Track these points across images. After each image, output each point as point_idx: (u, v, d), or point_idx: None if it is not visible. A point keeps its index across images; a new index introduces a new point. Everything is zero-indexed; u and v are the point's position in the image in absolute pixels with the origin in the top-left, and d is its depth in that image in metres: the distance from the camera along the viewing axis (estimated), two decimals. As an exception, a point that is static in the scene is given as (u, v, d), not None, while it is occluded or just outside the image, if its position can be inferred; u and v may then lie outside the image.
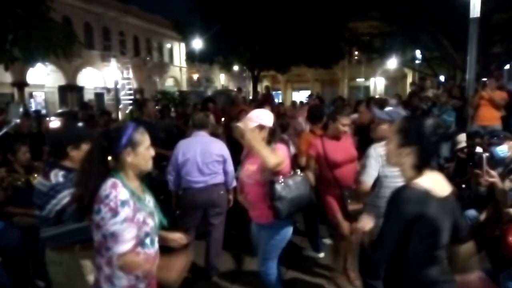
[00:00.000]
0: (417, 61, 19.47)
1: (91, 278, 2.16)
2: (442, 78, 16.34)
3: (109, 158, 1.68)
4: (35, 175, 3.36)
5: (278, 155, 2.48)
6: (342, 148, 3.26)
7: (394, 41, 15.71)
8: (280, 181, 2.51)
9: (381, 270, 1.65)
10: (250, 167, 2.62)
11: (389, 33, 15.58)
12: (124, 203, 1.59)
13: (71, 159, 2.17)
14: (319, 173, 3.33)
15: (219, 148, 3.57)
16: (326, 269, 3.74)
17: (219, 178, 3.58)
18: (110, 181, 1.62)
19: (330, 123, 3.28)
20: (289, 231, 2.71)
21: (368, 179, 2.63)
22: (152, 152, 1.79)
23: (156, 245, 1.81)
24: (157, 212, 1.83)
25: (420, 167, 1.52)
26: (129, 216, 1.60)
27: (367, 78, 29.50)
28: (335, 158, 3.19)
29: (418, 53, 18.28)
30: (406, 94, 13.28)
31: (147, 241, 1.72)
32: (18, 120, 2.81)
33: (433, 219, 1.44)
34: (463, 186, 4.14)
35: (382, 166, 2.60)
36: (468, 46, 7.06)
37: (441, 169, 6.11)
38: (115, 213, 1.57)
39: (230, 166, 3.61)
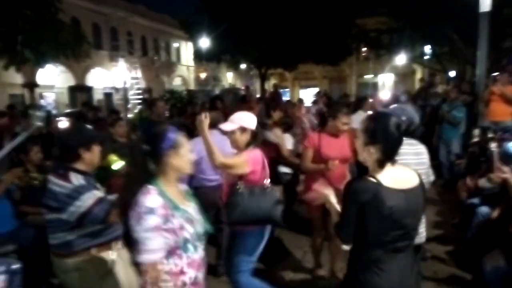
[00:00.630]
0: (426, 57, 19.21)
1: (108, 279, 2.17)
2: (452, 73, 16.13)
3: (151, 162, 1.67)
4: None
5: (237, 159, 2.48)
6: (338, 146, 3.25)
7: (402, 36, 15.52)
8: (238, 187, 2.47)
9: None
10: None
11: (398, 29, 15.41)
12: (151, 210, 1.57)
13: (83, 161, 2.14)
14: None
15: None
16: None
17: None
18: (145, 188, 1.61)
19: (330, 120, 3.28)
20: (258, 244, 2.61)
21: None
22: (192, 155, 1.78)
23: (201, 251, 1.78)
24: (201, 219, 1.80)
25: (383, 162, 1.65)
26: (156, 225, 1.57)
27: (375, 75, 29.21)
28: (329, 154, 3.17)
29: (427, 49, 18.05)
30: (415, 90, 13.15)
31: (189, 246, 1.70)
32: (40, 124, 2.82)
33: (382, 208, 1.57)
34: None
35: None
36: (478, 40, 6.96)
37: (452, 166, 6.08)
38: (139, 220, 1.56)
39: None
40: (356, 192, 1.62)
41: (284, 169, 4.24)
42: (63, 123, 5.97)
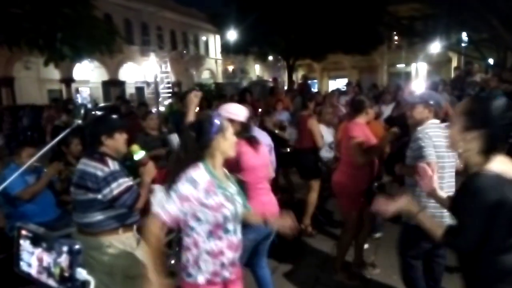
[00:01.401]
0: (463, 44, 18.33)
1: (136, 253, 2.32)
2: (490, 61, 15.33)
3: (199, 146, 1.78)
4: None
5: None
6: (374, 134, 3.26)
7: (437, 23, 14.87)
8: None
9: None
10: None
11: (432, 15, 14.79)
12: (191, 180, 1.69)
13: (106, 147, 2.30)
14: (350, 162, 3.18)
15: (267, 137, 3.60)
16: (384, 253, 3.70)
17: None
18: (195, 165, 1.74)
19: (369, 109, 3.28)
20: (251, 238, 2.38)
21: (432, 159, 2.34)
22: (235, 138, 1.88)
23: (239, 234, 1.85)
24: (240, 200, 1.87)
25: (487, 152, 1.40)
26: (185, 194, 1.68)
27: (408, 64, 28.17)
28: (375, 142, 3.15)
29: (464, 36, 17.21)
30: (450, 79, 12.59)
31: (229, 226, 1.78)
32: (80, 121, 2.98)
33: (510, 204, 1.35)
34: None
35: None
36: (521, 25, 6.57)
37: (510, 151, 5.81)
38: (178, 182, 1.70)
39: (273, 156, 3.64)
40: (484, 191, 1.35)
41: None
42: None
